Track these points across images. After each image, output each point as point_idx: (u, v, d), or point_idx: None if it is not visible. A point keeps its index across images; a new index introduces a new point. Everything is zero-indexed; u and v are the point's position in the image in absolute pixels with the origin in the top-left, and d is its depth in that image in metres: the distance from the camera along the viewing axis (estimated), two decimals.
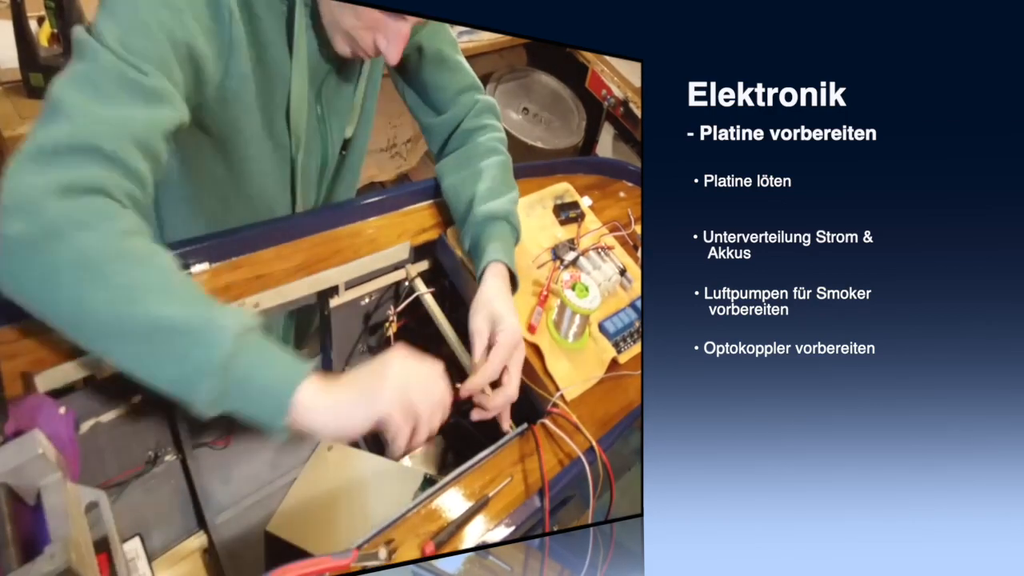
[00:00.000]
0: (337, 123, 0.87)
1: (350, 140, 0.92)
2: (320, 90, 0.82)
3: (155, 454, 0.81)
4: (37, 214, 0.51)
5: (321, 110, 0.84)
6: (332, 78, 0.82)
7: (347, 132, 0.90)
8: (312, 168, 0.88)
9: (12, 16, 1.24)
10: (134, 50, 0.58)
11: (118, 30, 0.58)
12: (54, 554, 0.42)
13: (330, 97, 0.84)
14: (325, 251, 0.83)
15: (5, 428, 0.51)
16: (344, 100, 0.86)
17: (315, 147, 0.86)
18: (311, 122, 0.83)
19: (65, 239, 0.52)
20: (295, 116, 0.78)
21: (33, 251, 0.52)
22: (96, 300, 0.52)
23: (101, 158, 0.55)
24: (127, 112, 0.57)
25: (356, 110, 0.89)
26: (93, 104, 0.56)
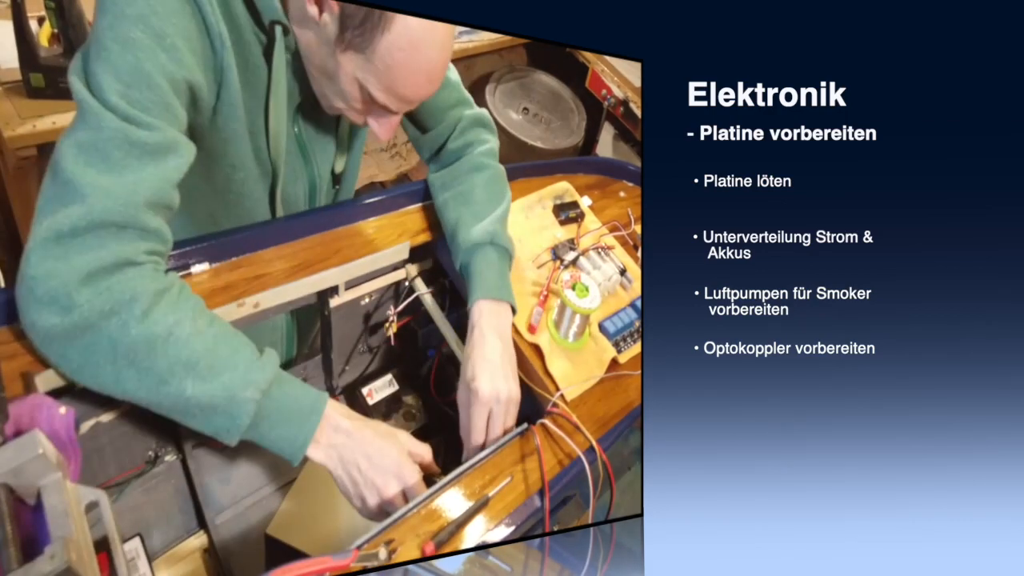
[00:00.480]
0: (322, 152, 0.86)
1: (342, 175, 0.91)
2: (295, 117, 0.80)
3: (155, 454, 0.81)
4: (68, 307, 0.56)
5: (299, 132, 0.82)
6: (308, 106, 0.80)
7: (336, 166, 0.89)
8: (299, 195, 0.87)
9: (12, 16, 1.24)
10: (136, 103, 0.58)
11: (118, 84, 0.58)
12: (54, 554, 0.42)
13: (308, 126, 0.82)
14: (325, 251, 0.83)
15: (5, 428, 0.51)
16: (324, 129, 0.85)
17: (300, 173, 0.85)
18: (290, 146, 0.81)
19: (95, 331, 0.57)
20: (273, 141, 0.77)
21: (68, 341, 0.57)
22: (130, 383, 0.59)
23: (116, 231, 0.58)
24: (137, 176, 0.59)
25: (344, 144, 0.88)
26: (103, 177, 0.57)
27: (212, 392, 0.60)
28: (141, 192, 0.59)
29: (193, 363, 0.60)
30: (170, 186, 0.62)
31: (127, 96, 0.58)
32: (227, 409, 0.60)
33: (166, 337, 0.59)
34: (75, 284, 0.56)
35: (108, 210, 0.57)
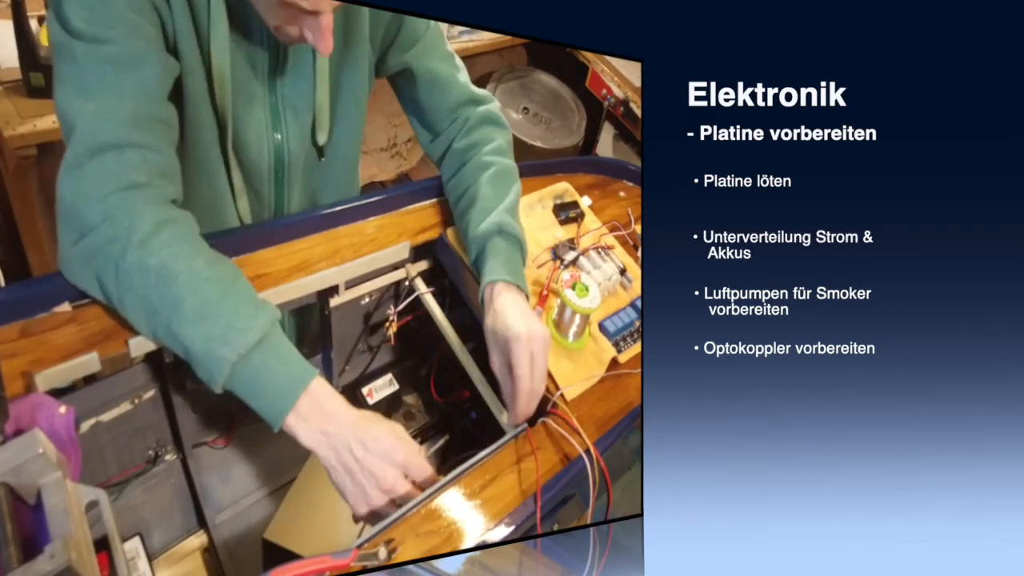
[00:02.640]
0: (295, 121, 0.83)
1: (327, 147, 0.88)
2: (273, 80, 0.79)
3: (155, 454, 0.81)
4: (82, 229, 0.62)
5: (276, 102, 0.80)
6: (284, 69, 0.79)
7: (319, 137, 0.86)
8: (264, 166, 0.84)
9: (12, 16, 1.24)
10: (98, 22, 0.62)
11: (80, 9, 0.62)
12: (54, 553, 0.42)
13: (285, 90, 0.80)
14: (325, 251, 0.83)
15: (5, 427, 0.51)
16: (302, 97, 0.82)
17: (265, 144, 0.82)
18: (259, 113, 0.79)
19: (102, 254, 0.62)
20: (220, 100, 0.75)
21: (84, 263, 0.63)
22: (129, 308, 0.63)
23: (115, 152, 0.62)
24: (115, 92, 0.63)
25: (324, 113, 0.84)
26: (87, 103, 0.62)
27: (192, 337, 0.60)
28: (124, 107, 0.63)
29: (179, 302, 0.61)
30: (152, 97, 0.65)
31: (89, 18, 0.62)
32: (203, 360, 0.61)
33: (158, 269, 0.61)
34: (87, 208, 0.61)
35: (98, 132, 0.61)
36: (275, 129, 0.82)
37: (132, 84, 0.64)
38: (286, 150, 0.84)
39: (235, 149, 0.81)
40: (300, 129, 0.84)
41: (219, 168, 0.81)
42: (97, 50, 0.62)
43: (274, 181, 0.86)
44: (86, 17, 0.62)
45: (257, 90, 0.78)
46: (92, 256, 0.62)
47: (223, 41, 0.72)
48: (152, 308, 0.61)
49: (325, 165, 0.89)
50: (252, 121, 0.79)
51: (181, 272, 0.61)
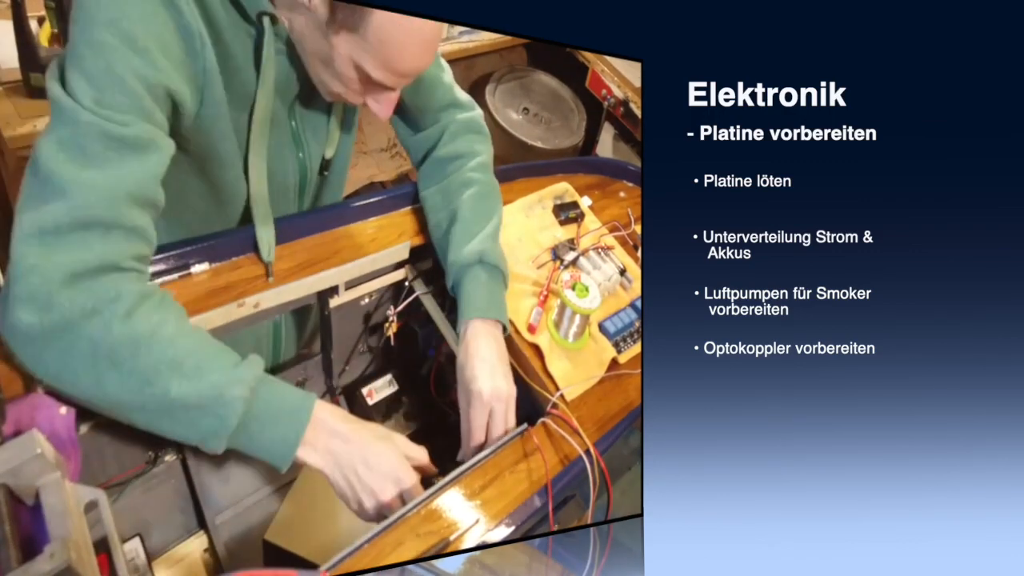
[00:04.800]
0: (315, 140, 0.84)
1: (331, 161, 0.88)
2: (292, 106, 0.79)
3: (155, 454, 0.81)
4: (48, 306, 0.54)
5: (296, 126, 0.81)
6: (304, 93, 0.79)
7: (327, 152, 0.86)
8: (290, 187, 0.85)
9: (12, 16, 1.24)
10: (110, 106, 0.58)
11: (92, 90, 0.58)
12: (54, 553, 0.42)
13: (303, 113, 0.81)
14: (325, 251, 0.83)
15: (4, 428, 0.51)
16: (319, 117, 0.83)
17: (291, 166, 0.83)
18: (283, 139, 0.80)
19: (75, 330, 0.55)
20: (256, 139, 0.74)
21: (47, 342, 0.55)
22: (112, 385, 0.57)
23: (101, 230, 0.57)
24: (117, 171, 0.58)
25: (335, 129, 0.85)
26: (83, 171, 0.57)
27: (199, 391, 0.58)
28: (123, 186, 0.58)
29: (179, 362, 0.58)
30: (152, 182, 0.62)
31: (100, 100, 0.58)
32: (215, 408, 0.59)
33: (150, 336, 0.58)
34: (56, 284, 0.55)
35: (91, 206, 0.56)
36: (298, 149, 0.83)
37: (136, 167, 0.60)
38: (308, 168, 0.85)
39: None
40: (318, 148, 0.85)
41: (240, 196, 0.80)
42: (105, 127, 0.58)
43: (298, 198, 0.87)
44: (96, 98, 0.58)
45: (280, 116, 0.78)
46: (60, 334, 0.55)
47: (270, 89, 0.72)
48: (145, 379, 0.57)
49: (327, 177, 0.90)
50: (278, 146, 0.80)
51: (174, 333, 0.60)
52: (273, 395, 0.63)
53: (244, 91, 0.72)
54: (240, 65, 0.70)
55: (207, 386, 0.59)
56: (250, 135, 0.74)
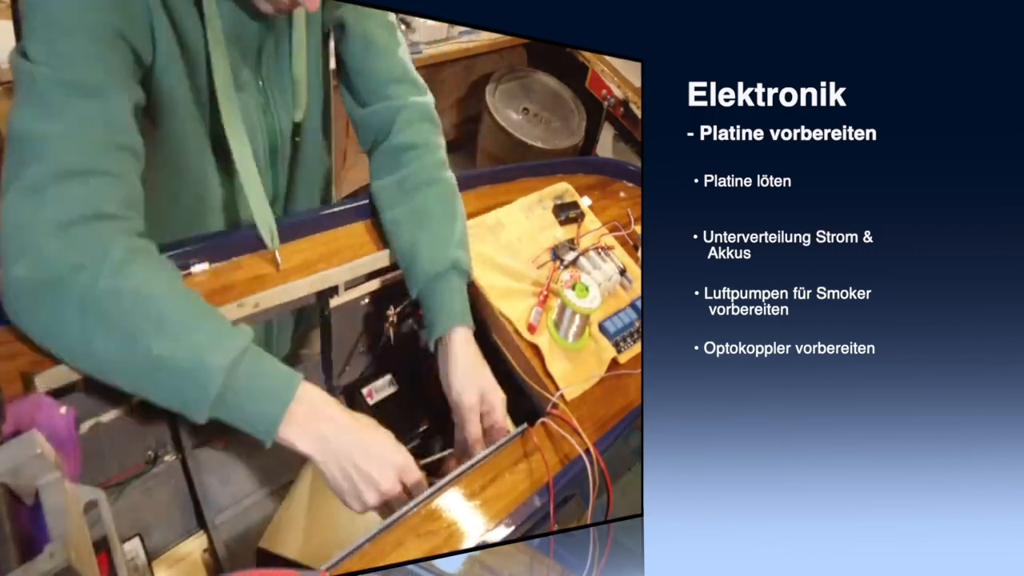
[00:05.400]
0: (281, 100, 0.80)
1: (300, 125, 0.84)
2: (259, 63, 0.76)
3: (155, 454, 0.81)
4: (37, 259, 0.56)
5: (263, 84, 0.78)
6: (269, 49, 0.76)
7: (296, 114, 0.82)
8: (259, 153, 0.80)
9: (12, 15, 1.24)
10: (62, 54, 0.59)
11: (43, 44, 0.59)
12: (54, 552, 0.42)
13: (270, 70, 0.78)
14: (325, 251, 0.83)
15: (4, 428, 0.51)
16: (283, 74, 0.79)
17: (258, 128, 0.79)
18: (250, 99, 0.77)
19: (64, 284, 0.56)
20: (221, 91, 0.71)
21: (38, 296, 0.56)
22: (98, 340, 0.57)
23: (79, 179, 0.58)
24: (81, 116, 0.59)
25: (301, 87, 0.81)
26: (50, 124, 0.58)
27: (180, 354, 0.57)
28: (92, 133, 0.59)
29: (163, 320, 0.57)
30: (119, 125, 0.61)
31: (51, 51, 0.58)
32: (195, 375, 0.57)
33: (136, 292, 0.57)
34: (45, 236, 0.56)
35: (65, 157, 0.57)
36: (266, 112, 0.80)
37: (98, 111, 0.60)
38: (278, 132, 0.82)
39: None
40: (286, 110, 0.82)
41: (210, 171, 0.78)
42: (60, 74, 0.58)
43: (270, 165, 0.84)
44: (47, 50, 0.59)
45: (246, 78, 0.76)
46: (49, 288, 0.56)
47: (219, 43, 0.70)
48: (129, 335, 0.56)
49: (300, 141, 0.87)
50: (245, 109, 0.77)
51: (162, 291, 0.59)
52: (257, 368, 0.60)
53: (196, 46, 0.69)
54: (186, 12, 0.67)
55: (188, 350, 0.57)
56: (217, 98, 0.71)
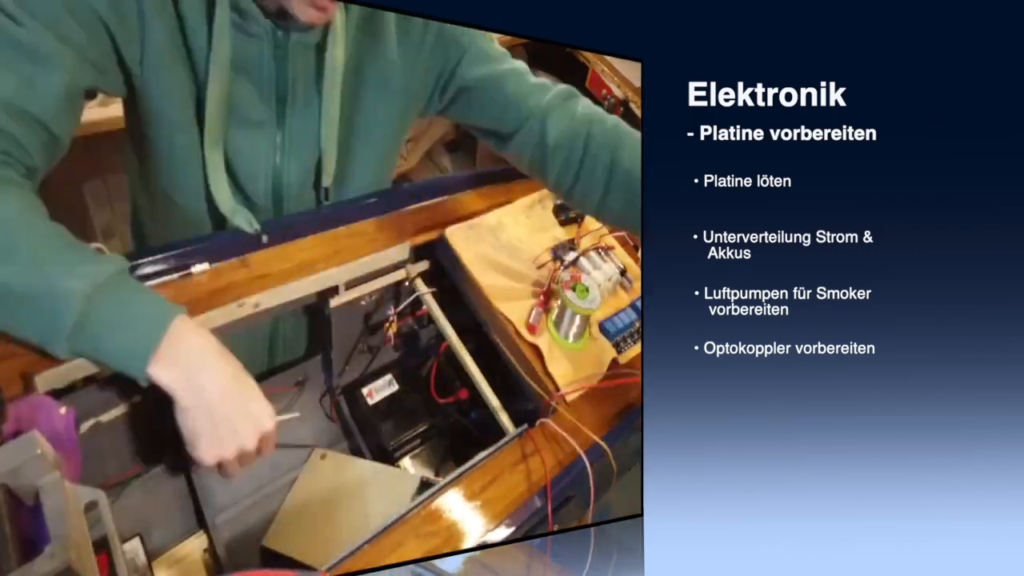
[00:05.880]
0: (297, 155, 0.79)
1: (331, 191, 0.83)
2: (283, 110, 0.75)
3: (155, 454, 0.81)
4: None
5: (284, 134, 0.77)
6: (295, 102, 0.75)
7: (324, 179, 0.81)
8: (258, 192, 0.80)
9: None
10: (30, 11, 0.57)
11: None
12: (54, 553, 0.42)
13: (293, 122, 0.76)
14: (325, 251, 0.83)
15: (4, 428, 0.51)
16: (308, 133, 0.77)
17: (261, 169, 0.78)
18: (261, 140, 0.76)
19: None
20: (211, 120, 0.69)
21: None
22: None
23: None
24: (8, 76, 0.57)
25: (329, 155, 0.79)
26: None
27: (31, 280, 0.53)
28: (10, 92, 0.57)
29: (14, 248, 0.53)
30: (42, 98, 0.59)
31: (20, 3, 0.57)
32: (48, 303, 0.52)
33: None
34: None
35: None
36: (278, 157, 0.79)
37: (23, 73, 0.57)
38: (284, 182, 0.81)
39: (229, 173, 0.75)
40: (302, 166, 0.81)
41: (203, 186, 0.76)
42: (9, 29, 0.57)
43: (272, 209, 0.83)
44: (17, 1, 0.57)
45: (263, 117, 0.75)
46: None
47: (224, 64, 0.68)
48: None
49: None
50: (250, 144, 0.76)
51: (17, 219, 0.55)
52: (127, 296, 0.56)
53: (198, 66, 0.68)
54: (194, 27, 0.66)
55: (41, 276, 0.53)
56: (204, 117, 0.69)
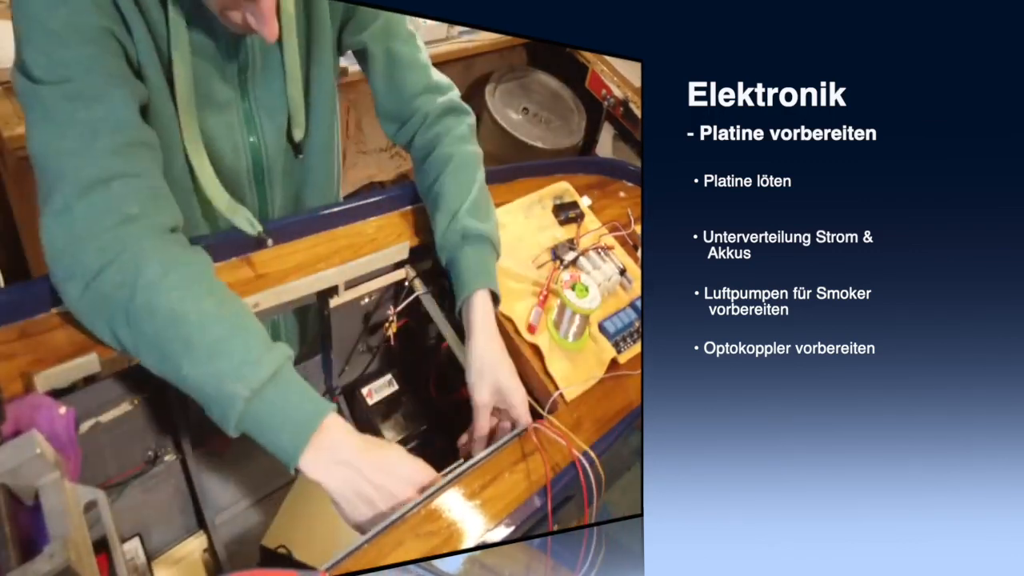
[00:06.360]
0: (269, 121, 0.81)
1: (304, 142, 0.85)
2: (244, 83, 0.77)
3: (155, 454, 0.81)
4: (83, 274, 0.60)
5: (250, 106, 0.79)
6: (254, 70, 0.77)
7: (295, 134, 0.83)
8: (241, 172, 0.82)
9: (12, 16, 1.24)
10: (61, 62, 0.60)
11: (38, 55, 0.60)
12: (53, 553, 0.42)
13: (256, 91, 0.78)
14: (325, 251, 0.83)
15: (4, 428, 0.51)
16: (274, 95, 0.80)
17: (240, 146, 0.80)
18: (231, 119, 0.78)
19: (112, 302, 0.60)
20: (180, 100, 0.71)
21: (92, 312, 0.61)
22: (144, 353, 0.61)
23: (102, 188, 0.60)
24: (90, 127, 0.61)
25: (298, 108, 0.82)
26: (63, 141, 0.60)
27: (204, 379, 0.59)
28: (101, 140, 0.61)
29: (191, 344, 0.59)
30: (126, 123, 0.63)
31: (46, 63, 0.60)
32: (217, 399, 0.59)
33: (167, 312, 0.59)
34: (83, 251, 0.59)
35: (80, 171, 0.60)
36: (250, 133, 0.80)
37: (103, 115, 0.62)
38: (264, 153, 0.82)
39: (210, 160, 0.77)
40: (276, 130, 0.83)
41: (188, 185, 0.78)
42: (61, 89, 0.60)
43: (255, 185, 0.84)
44: (43, 63, 0.60)
45: (228, 96, 0.76)
46: (102, 305, 0.60)
47: (185, 52, 0.69)
48: (163, 353, 0.59)
49: (303, 161, 0.88)
50: (224, 127, 0.78)
51: (191, 313, 0.60)
52: (281, 399, 0.61)
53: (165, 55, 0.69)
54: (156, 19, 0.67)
55: (211, 375, 0.59)
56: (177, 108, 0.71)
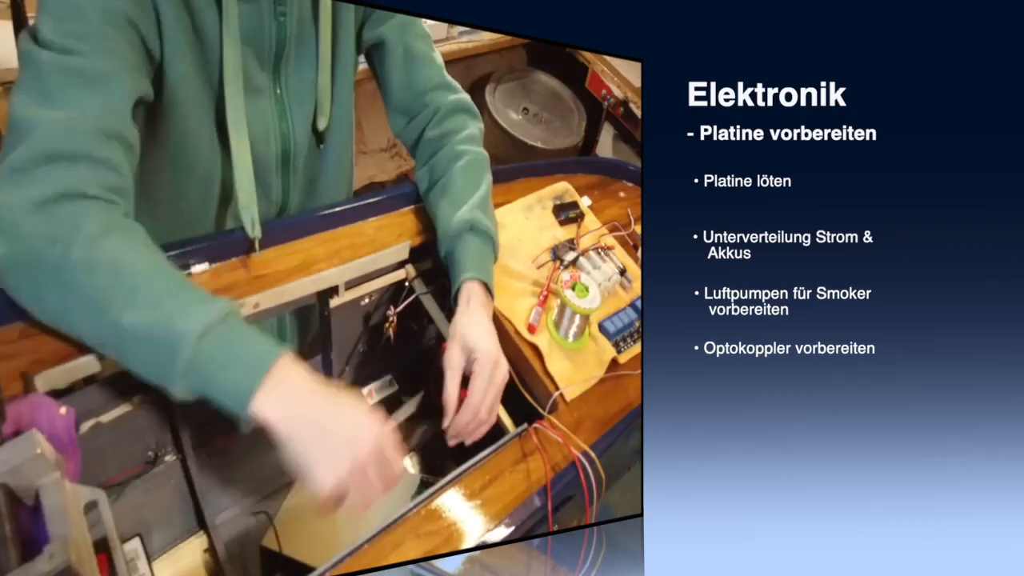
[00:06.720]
0: (299, 109, 0.82)
1: (326, 132, 0.86)
2: (278, 69, 0.78)
3: (155, 454, 0.81)
4: (15, 236, 0.56)
5: (281, 93, 0.80)
6: (288, 57, 0.77)
7: (320, 123, 0.84)
8: (271, 159, 0.82)
9: (12, 16, 1.24)
10: (70, 34, 0.60)
11: (52, 22, 0.60)
12: (53, 553, 0.42)
13: (289, 79, 0.79)
14: (325, 251, 0.83)
15: (4, 428, 0.51)
16: (305, 84, 0.81)
17: (272, 136, 0.81)
18: (264, 106, 0.79)
19: (40, 256, 0.56)
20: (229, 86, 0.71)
21: (19, 271, 0.57)
22: (73, 312, 0.57)
23: (66, 162, 0.58)
24: (79, 105, 0.60)
25: (325, 98, 0.83)
26: (47, 111, 0.59)
27: (149, 322, 0.55)
28: (87, 120, 0.60)
29: (134, 291, 0.56)
30: (116, 115, 0.62)
31: (60, 29, 0.60)
32: (165, 343, 0.55)
33: (109, 264, 0.56)
34: (22, 213, 0.56)
35: (55, 140, 0.58)
36: (281, 119, 0.81)
37: (97, 99, 0.61)
38: (292, 140, 0.83)
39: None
40: (304, 118, 0.83)
41: (215, 170, 0.79)
42: (63, 61, 0.59)
43: (281, 172, 0.85)
44: (55, 28, 0.60)
45: (263, 81, 0.78)
46: (28, 263, 0.56)
47: (234, 34, 0.70)
48: (100, 307, 0.55)
49: (323, 151, 0.89)
50: (259, 114, 0.78)
51: (137, 264, 0.57)
52: (234, 337, 0.58)
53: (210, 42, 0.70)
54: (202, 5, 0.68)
55: (158, 317, 0.55)
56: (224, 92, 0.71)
